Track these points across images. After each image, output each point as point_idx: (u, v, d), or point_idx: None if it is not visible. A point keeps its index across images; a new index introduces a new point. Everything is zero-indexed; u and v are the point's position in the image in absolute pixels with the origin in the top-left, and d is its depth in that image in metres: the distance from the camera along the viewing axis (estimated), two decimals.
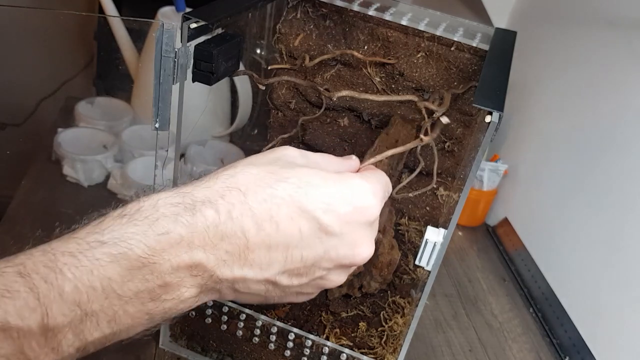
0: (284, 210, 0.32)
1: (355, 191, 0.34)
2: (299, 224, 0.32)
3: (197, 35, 0.49)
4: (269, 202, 0.32)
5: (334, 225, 0.33)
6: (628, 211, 0.72)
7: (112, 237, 0.29)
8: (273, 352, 0.60)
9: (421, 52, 0.63)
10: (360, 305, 0.63)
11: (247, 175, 0.33)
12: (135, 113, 0.99)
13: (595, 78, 0.84)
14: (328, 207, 0.33)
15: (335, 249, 0.34)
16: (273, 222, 0.31)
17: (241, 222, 0.31)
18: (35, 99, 1.18)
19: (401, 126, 0.65)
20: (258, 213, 0.31)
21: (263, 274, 0.33)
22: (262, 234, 0.31)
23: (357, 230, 0.34)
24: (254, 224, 0.31)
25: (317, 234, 0.33)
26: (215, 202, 0.31)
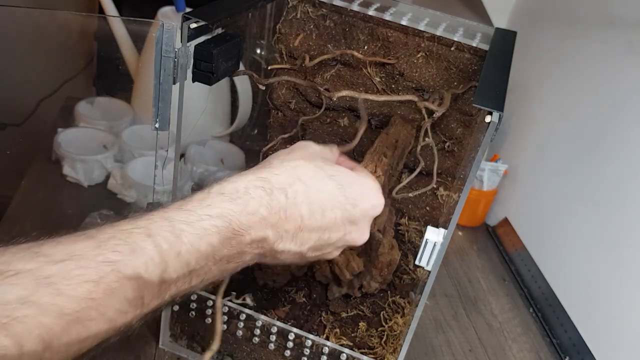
0: (329, 201, 0.41)
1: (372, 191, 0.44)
2: (336, 214, 0.41)
3: (197, 35, 0.49)
4: (321, 194, 0.40)
5: (358, 216, 0.43)
6: (628, 211, 0.72)
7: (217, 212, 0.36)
8: (273, 352, 0.60)
9: (421, 52, 0.63)
10: (360, 305, 0.63)
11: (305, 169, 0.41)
12: (135, 113, 0.99)
13: (595, 78, 0.84)
14: (356, 201, 0.42)
15: (350, 234, 0.43)
16: (320, 210, 0.40)
17: (301, 207, 0.39)
18: (36, 99, 1.18)
19: (401, 126, 0.65)
20: (312, 202, 0.40)
21: (301, 249, 0.41)
22: (312, 219, 0.40)
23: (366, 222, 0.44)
24: (309, 211, 0.40)
25: (344, 222, 0.42)
26: (286, 190, 0.39)
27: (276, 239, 0.39)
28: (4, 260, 0.28)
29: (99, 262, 0.30)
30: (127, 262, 0.31)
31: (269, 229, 0.38)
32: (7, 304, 0.26)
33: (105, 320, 0.30)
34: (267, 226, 0.38)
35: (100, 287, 0.29)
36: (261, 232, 0.38)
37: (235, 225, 0.36)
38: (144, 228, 0.33)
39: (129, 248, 0.31)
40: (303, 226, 0.40)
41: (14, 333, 0.26)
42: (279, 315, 0.60)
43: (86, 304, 0.29)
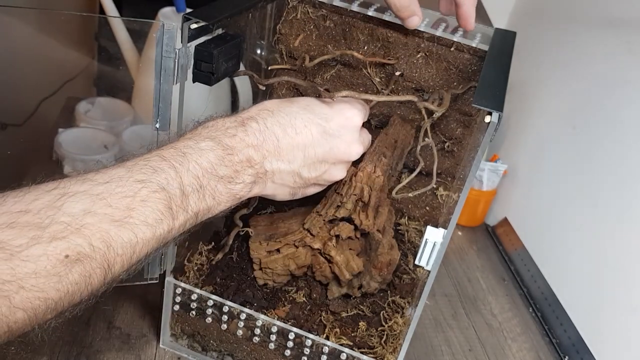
0: (299, 120, 0.47)
1: (344, 107, 0.50)
2: (310, 129, 0.47)
3: (197, 36, 0.49)
4: (289, 116, 0.47)
5: (334, 128, 0.49)
6: (627, 211, 0.72)
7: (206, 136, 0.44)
8: (273, 351, 0.60)
9: (421, 52, 0.63)
10: (360, 305, 0.63)
11: (271, 102, 0.48)
12: (135, 113, 0.99)
13: (594, 78, 0.84)
14: (327, 117, 0.48)
15: (337, 147, 0.49)
16: (292, 129, 0.47)
17: (273, 129, 0.46)
18: (36, 99, 1.18)
19: (401, 126, 0.65)
20: (283, 122, 0.47)
21: (291, 167, 0.48)
22: (287, 137, 0.47)
23: (349, 133, 0.50)
24: (282, 130, 0.46)
25: (323, 136, 0.48)
26: (256, 117, 0.47)
27: (261, 158, 0.46)
28: (63, 186, 0.36)
29: (132, 182, 0.38)
30: (152, 180, 0.39)
31: (250, 148, 0.45)
32: (75, 215, 0.35)
33: (146, 226, 0.38)
34: (247, 146, 0.45)
35: (136, 200, 0.38)
36: (245, 152, 0.45)
37: (222, 145, 0.44)
38: (157, 155, 0.41)
39: (151, 170, 0.40)
40: (282, 144, 0.46)
41: (85, 235, 0.35)
42: (279, 315, 0.60)
43: (129, 213, 0.37)
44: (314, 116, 0.48)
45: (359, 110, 0.52)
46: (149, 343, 0.64)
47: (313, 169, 0.49)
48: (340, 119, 0.49)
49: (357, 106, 0.52)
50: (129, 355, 0.62)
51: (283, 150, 0.47)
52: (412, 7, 0.55)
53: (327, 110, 0.49)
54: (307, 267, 0.61)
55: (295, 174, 0.48)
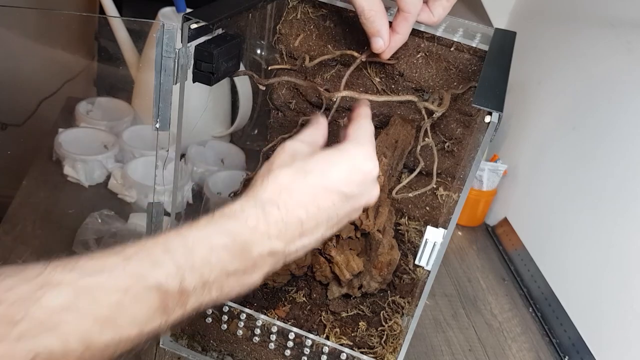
0: (320, 195, 0.44)
1: (358, 161, 0.46)
2: (332, 199, 0.44)
3: (197, 36, 0.49)
4: (310, 193, 0.44)
5: (354, 190, 0.46)
6: (627, 211, 0.72)
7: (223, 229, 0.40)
8: (273, 351, 0.60)
9: (421, 52, 0.63)
10: (360, 305, 0.63)
11: (285, 176, 0.44)
12: (135, 113, 1.00)
13: (594, 78, 0.84)
14: (346, 181, 0.45)
15: (357, 202, 0.47)
16: (315, 205, 0.44)
17: (295, 212, 0.43)
18: (36, 99, 1.18)
19: (401, 126, 0.65)
20: (304, 202, 0.43)
21: (315, 237, 0.45)
22: (310, 215, 0.43)
23: (368, 187, 0.47)
24: (304, 211, 0.43)
25: (344, 200, 0.45)
26: (276, 201, 0.42)
27: (283, 246, 0.43)
28: (48, 272, 0.32)
29: (126, 275, 0.35)
30: (149, 275, 0.35)
31: (273, 240, 0.42)
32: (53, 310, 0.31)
33: (134, 325, 0.35)
34: (270, 238, 0.41)
35: (127, 296, 0.34)
36: (267, 245, 0.41)
37: (240, 240, 0.40)
38: (162, 244, 0.37)
39: (151, 262, 0.36)
40: (305, 224, 0.43)
41: (61, 334, 0.31)
42: (279, 315, 0.60)
43: (117, 310, 0.33)
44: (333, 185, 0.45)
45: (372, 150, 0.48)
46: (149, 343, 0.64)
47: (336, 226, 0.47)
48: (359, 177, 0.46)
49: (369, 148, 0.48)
50: (129, 356, 0.62)
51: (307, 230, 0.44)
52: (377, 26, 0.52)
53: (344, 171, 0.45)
54: (307, 267, 0.61)
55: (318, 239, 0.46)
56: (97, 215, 0.77)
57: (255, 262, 0.41)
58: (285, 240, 0.43)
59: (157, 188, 0.67)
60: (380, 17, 0.52)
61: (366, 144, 0.48)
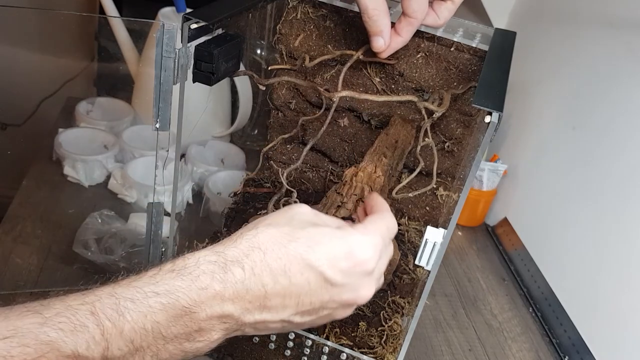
0: (295, 266, 0.38)
1: (355, 247, 0.40)
2: (308, 277, 0.38)
3: (197, 36, 0.49)
4: (284, 260, 0.38)
5: (337, 278, 0.39)
6: (627, 211, 0.72)
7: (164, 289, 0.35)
8: (273, 351, 0.60)
9: (421, 52, 0.63)
10: None
11: (266, 236, 0.39)
12: (135, 113, 1.00)
13: (594, 78, 0.84)
14: (331, 263, 0.39)
15: (339, 295, 0.40)
16: (286, 276, 0.38)
17: (261, 277, 0.37)
18: (36, 99, 1.18)
19: (401, 126, 0.65)
20: (274, 269, 0.38)
21: (279, 316, 0.39)
22: (277, 286, 0.38)
23: (357, 280, 0.40)
24: (271, 278, 0.38)
25: (322, 285, 0.39)
26: (242, 261, 0.38)
27: (240, 312, 0.38)
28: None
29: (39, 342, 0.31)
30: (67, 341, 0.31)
31: (227, 303, 0.37)
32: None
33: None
34: (223, 300, 0.36)
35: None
36: (217, 307, 0.36)
37: (184, 302, 0.35)
38: (89, 305, 0.33)
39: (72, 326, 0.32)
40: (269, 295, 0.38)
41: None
42: None
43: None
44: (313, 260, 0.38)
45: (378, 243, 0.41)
46: None
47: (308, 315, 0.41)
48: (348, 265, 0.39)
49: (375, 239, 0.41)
50: None
51: (270, 301, 0.38)
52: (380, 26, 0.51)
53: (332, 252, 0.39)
54: None
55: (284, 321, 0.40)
56: (97, 215, 0.77)
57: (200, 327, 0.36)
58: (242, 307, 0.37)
59: (157, 188, 0.67)
60: (383, 17, 0.51)
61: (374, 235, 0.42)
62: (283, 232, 0.39)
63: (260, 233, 0.39)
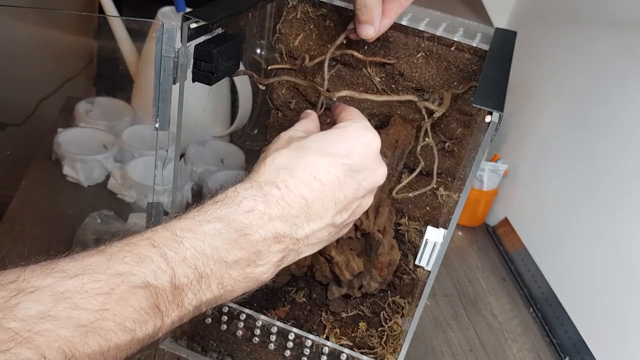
0: (321, 169, 0.41)
1: (358, 133, 0.44)
2: (335, 173, 0.41)
3: (197, 36, 0.49)
4: (309, 167, 0.41)
5: (358, 162, 0.43)
6: (628, 211, 0.72)
7: (214, 216, 0.37)
8: (273, 352, 0.60)
9: (421, 52, 0.63)
10: (360, 305, 0.63)
11: (282, 157, 0.41)
12: (135, 113, 0.99)
13: (594, 78, 0.84)
14: (348, 153, 0.42)
15: (364, 179, 0.43)
16: (317, 180, 0.41)
17: (297, 189, 0.40)
18: (36, 99, 1.18)
19: (401, 126, 0.65)
20: (304, 179, 0.40)
21: (324, 221, 0.41)
22: (314, 192, 0.40)
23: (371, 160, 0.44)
24: (307, 188, 0.40)
25: (349, 174, 0.42)
26: (275, 181, 0.40)
27: (290, 228, 0.39)
28: (24, 278, 0.30)
29: (109, 275, 0.31)
30: (135, 272, 0.32)
31: (276, 221, 0.39)
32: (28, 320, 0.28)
33: (123, 330, 0.31)
34: (272, 219, 0.38)
35: (112, 298, 0.31)
36: (269, 228, 0.38)
37: (236, 225, 0.37)
38: (148, 239, 0.34)
39: (137, 259, 0.33)
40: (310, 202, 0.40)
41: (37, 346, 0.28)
42: (279, 315, 0.60)
43: (101, 315, 0.30)
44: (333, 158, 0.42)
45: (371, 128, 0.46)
46: None
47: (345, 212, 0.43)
48: (361, 149, 0.43)
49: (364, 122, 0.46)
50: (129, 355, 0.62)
51: (313, 209, 0.40)
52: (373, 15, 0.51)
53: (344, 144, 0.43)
54: (307, 267, 0.61)
55: (329, 225, 0.42)
56: (96, 215, 0.77)
57: (258, 250, 0.38)
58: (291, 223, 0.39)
59: (156, 188, 0.66)
60: (378, 7, 0.52)
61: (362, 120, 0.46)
62: (293, 148, 0.42)
63: (277, 157, 0.42)
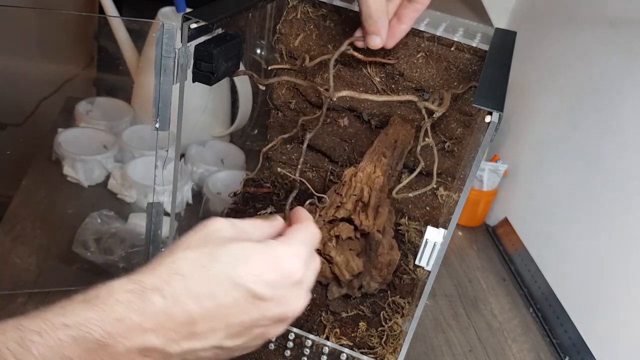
0: (220, 287, 0.36)
1: (279, 259, 0.39)
2: (234, 296, 0.37)
3: (197, 36, 0.49)
4: (208, 282, 0.36)
5: (264, 292, 0.38)
6: (627, 211, 0.72)
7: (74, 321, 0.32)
8: (273, 352, 0.60)
9: (421, 52, 0.63)
10: (360, 305, 0.63)
11: (185, 260, 0.37)
12: (135, 113, 0.99)
13: (594, 78, 0.84)
14: (257, 278, 0.37)
15: (269, 310, 0.38)
16: (212, 298, 0.36)
17: (185, 303, 0.35)
18: (36, 99, 1.18)
19: (401, 126, 0.65)
20: (198, 293, 0.36)
21: (209, 343, 0.37)
22: (203, 311, 0.36)
23: (286, 292, 0.39)
24: (196, 303, 0.35)
25: (251, 302, 0.37)
26: (162, 289, 0.35)
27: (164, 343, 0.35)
28: None
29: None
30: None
31: (148, 334, 0.34)
32: None
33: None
34: (144, 332, 0.34)
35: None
36: (139, 339, 0.34)
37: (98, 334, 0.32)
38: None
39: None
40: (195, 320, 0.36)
41: None
42: None
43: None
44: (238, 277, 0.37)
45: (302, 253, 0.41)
46: None
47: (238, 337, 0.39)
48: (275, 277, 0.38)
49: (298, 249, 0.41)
50: None
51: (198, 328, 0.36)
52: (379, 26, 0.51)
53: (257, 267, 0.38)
54: None
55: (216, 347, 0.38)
56: (96, 215, 0.77)
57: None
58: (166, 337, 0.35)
59: (156, 188, 0.66)
60: (384, 18, 0.52)
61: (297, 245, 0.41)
62: (203, 253, 0.37)
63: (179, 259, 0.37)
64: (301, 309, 0.40)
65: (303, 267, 0.40)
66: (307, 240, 0.42)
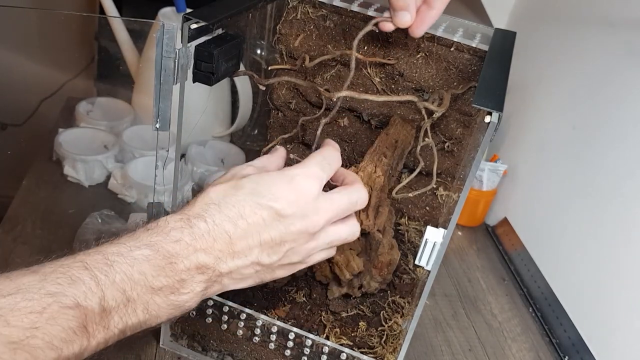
0: (247, 208, 0.43)
1: (295, 179, 0.45)
2: (261, 214, 0.43)
3: (197, 36, 0.49)
4: (237, 205, 0.43)
5: (285, 209, 0.43)
6: (627, 211, 0.72)
7: (143, 242, 0.39)
8: (273, 351, 0.60)
9: (421, 52, 0.63)
10: (360, 305, 0.63)
11: (215, 192, 0.44)
12: (136, 113, 1.00)
13: (594, 78, 0.84)
14: (276, 196, 0.43)
15: (293, 225, 0.44)
16: (243, 219, 0.43)
17: (223, 226, 0.42)
18: (36, 99, 1.18)
19: (401, 126, 0.65)
20: (231, 216, 0.43)
21: (249, 259, 0.43)
22: (238, 230, 0.42)
23: (305, 207, 0.44)
24: (232, 224, 0.42)
25: (275, 218, 0.43)
26: (203, 215, 0.42)
27: (214, 261, 0.42)
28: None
29: (42, 294, 0.33)
30: (67, 293, 0.34)
31: (200, 253, 0.41)
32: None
33: (51, 348, 0.33)
34: (196, 251, 0.41)
35: (43, 317, 0.33)
36: (193, 258, 0.40)
37: (163, 253, 0.39)
38: (81, 262, 0.36)
39: (69, 280, 0.35)
40: (233, 239, 0.42)
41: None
42: (279, 315, 0.60)
43: (31, 333, 0.32)
44: (261, 199, 0.43)
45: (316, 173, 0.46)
46: (149, 343, 0.64)
47: (273, 253, 0.44)
48: (294, 195, 0.44)
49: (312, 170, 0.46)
50: (129, 355, 0.62)
51: (237, 246, 0.42)
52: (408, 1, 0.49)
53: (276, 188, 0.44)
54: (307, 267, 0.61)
55: (255, 263, 0.44)
56: (97, 215, 0.77)
57: (182, 278, 0.40)
58: (214, 256, 0.41)
59: (157, 188, 0.67)
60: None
61: (311, 166, 0.46)
62: (230, 185, 0.44)
63: (211, 192, 0.44)
64: (321, 222, 0.45)
65: (316, 184, 0.45)
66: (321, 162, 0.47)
